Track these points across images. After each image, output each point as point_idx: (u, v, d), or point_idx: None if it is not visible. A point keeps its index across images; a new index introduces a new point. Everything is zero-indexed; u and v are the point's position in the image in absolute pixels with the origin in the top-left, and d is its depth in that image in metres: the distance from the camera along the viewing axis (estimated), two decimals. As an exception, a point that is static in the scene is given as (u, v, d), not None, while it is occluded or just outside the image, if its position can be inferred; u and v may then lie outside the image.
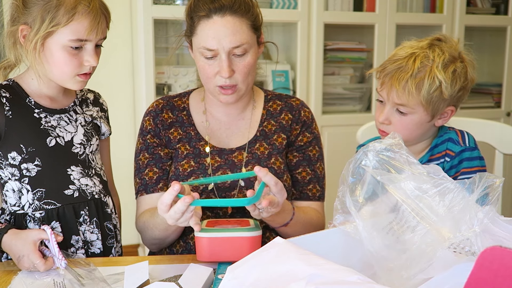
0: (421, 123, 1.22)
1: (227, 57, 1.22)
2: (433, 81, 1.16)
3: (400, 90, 1.18)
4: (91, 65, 1.17)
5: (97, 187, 1.26)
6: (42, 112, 1.21)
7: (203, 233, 1.08)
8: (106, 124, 1.35)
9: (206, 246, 1.07)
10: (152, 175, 1.33)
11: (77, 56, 1.16)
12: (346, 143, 1.83)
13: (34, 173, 1.18)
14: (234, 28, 1.21)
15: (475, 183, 0.84)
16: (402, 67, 1.19)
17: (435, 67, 1.17)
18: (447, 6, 2.85)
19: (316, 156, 1.38)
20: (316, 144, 1.40)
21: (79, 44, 1.14)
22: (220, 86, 1.26)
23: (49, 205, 1.19)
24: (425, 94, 1.17)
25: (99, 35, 1.16)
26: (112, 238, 1.29)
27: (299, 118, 1.39)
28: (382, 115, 1.24)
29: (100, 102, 1.37)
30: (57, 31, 1.12)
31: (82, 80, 1.19)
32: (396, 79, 1.18)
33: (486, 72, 3.31)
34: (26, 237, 1.08)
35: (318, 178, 1.38)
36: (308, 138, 1.38)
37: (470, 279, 0.65)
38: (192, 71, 2.58)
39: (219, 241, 1.06)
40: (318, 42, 2.64)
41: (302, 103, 1.42)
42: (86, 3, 1.13)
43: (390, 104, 1.22)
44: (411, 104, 1.19)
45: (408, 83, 1.17)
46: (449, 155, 1.23)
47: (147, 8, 2.38)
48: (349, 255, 0.90)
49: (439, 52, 1.19)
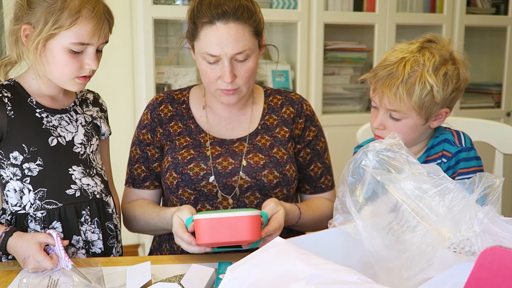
0: (416, 126, 1.21)
1: (229, 63, 1.23)
2: (424, 86, 1.15)
3: (391, 96, 1.17)
4: (91, 68, 1.18)
5: (98, 186, 1.26)
6: (44, 112, 1.21)
7: (201, 215, 1.08)
8: (105, 124, 1.36)
9: (205, 228, 1.07)
10: (140, 172, 1.39)
11: (78, 58, 1.16)
12: (346, 143, 1.82)
13: (36, 172, 1.18)
14: (237, 35, 1.22)
15: (475, 183, 0.84)
16: (393, 73, 1.17)
17: (426, 71, 1.15)
18: (447, 6, 2.85)
19: (323, 148, 1.43)
20: (322, 136, 1.44)
21: (81, 47, 1.15)
22: (221, 89, 1.27)
23: (50, 205, 1.19)
24: (417, 100, 1.15)
25: (101, 40, 1.17)
26: (113, 238, 1.30)
27: (302, 112, 1.40)
28: (376, 120, 1.23)
29: (99, 103, 1.37)
30: (60, 34, 1.13)
31: (81, 82, 1.19)
32: (387, 85, 1.17)
33: (486, 72, 3.31)
34: (31, 239, 1.09)
35: (328, 169, 1.44)
36: (314, 132, 1.41)
37: (470, 279, 0.65)
38: (192, 71, 2.58)
39: (218, 221, 1.06)
40: (318, 42, 2.64)
41: (301, 97, 1.45)
42: (90, 8, 1.13)
43: (383, 110, 1.21)
44: (403, 110, 1.18)
45: (399, 90, 1.15)
46: (445, 156, 1.23)
47: (147, 8, 2.38)
48: (349, 255, 0.90)
49: (429, 56, 1.17)
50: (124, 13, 2.69)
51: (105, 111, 1.38)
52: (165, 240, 1.37)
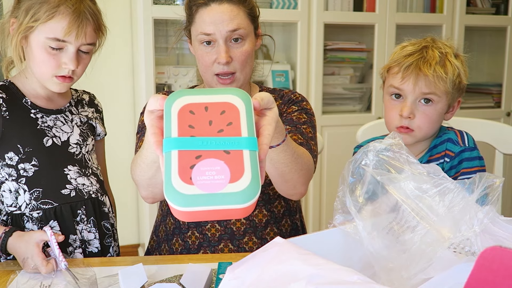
0: (441, 114, 1.24)
1: (224, 43, 1.24)
2: (454, 68, 1.20)
3: (430, 77, 1.18)
4: (69, 68, 1.15)
5: (94, 186, 1.26)
6: (39, 112, 1.21)
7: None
8: (101, 125, 1.36)
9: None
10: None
11: (56, 57, 1.14)
12: (346, 143, 1.83)
13: (31, 173, 1.18)
14: (231, 14, 1.24)
15: (475, 183, 0.84)
16: (424, 57, 1.20)
17: (449, 55, 1.21)
18: (447, 6, 2.85)
19: (302, 121, 1.31)
20: (304, 113, 1.33)
21: (57, 44, 1.13)
22: (218, 75, 1.27)
23: (46, 204, 1.19)
24: (452, 79, 1.19)
25: (80, 39, 1.14)
26: (110, 237, 1.30)
27: (289, 99, 1.37)
28: (406, 108, 1.21)
29: (95, 103, 1.37)
30: (37, 28, 1.12)
31: (60, 83, 1.17)
32: (424, 67, 1.18)
33: (486, 72, 3.31)
34: (29, 239, 1.09)
35: (308, 140, 1.28)
36: (293, 109, 1.34)
37: (470, 279, 0.65)
38: (192, 71, 2.58)
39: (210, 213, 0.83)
40: (318, 42, 2.64)
41: (292, 91, 1.42)
42: (69, 4, 1.12)
43: (414, 96, 1.21)
44: (439, 91, 1.20)
45: (437, 70, 1.18)
46: (448, 155, 1.23)
47: (147, 8, 2.38)
48: (349, 255, 0.90)
49: (445, 45, 1.23)
50: (124, 13, 2.69)
51: (100, 112, 1.38)
52: (164, 240, 1.37)
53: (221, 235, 1.29)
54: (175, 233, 1.32)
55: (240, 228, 1.29)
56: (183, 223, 1.31)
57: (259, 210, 1.30)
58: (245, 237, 1.29)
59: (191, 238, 1.30)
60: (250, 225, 1.30)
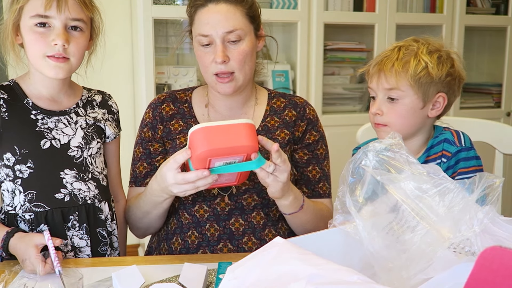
0: (414, 109, 1.23)
1: (221, 43, 1.25)
2: (419, 62, 1.21)
3: (387, 73, 1.22)
4: (58, 44, 1.13)
5: (91, 192, 1.23)
6: (40, 113, 1.20)
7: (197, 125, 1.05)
8: (112, 127, 1.33)
9: (202, 136, 1.03)
10: (142, 170, 1.39)
11: (44, 35, 1.13)
12: (346, 143, 1.82)
13: (26, 175, 1.17)
14: (227, 14, 1.24)
15: (475, 183, 0.84)
16: (388, 55, 1.24)
17: (420, 52, 1.22)
18: (447, 6, 2.85)
19: (323, 155, 1.42)
20: (323, 143, 1.43)
21: (40, 20, 1.12)
22: (216, 75, 1.27)
23: (38, 207, 1.18)
24: (412, 73, 1.20)
25: (63, 12, 1.12)
26: (105, 245, 1.27)
27: (304, 115, 1.41)
28: (374, 106, 1.26)
29: (108, 104, 1.35)
30: (23, 13, 1.13)
31: (55, 64, 1.14)
32: (383, 65, 1.23)
33: (486, 72, 3.31)
34: (29, 241, 1.09)
35: (327, 176, 1.42)
36: (315, 136, 1.41)
37: (470, 279, 0.65)
38: (192, 71, 2.58)
39: (215, 129, 1.03)
40: (318, 42, 2.64)
41: (306, 101, 1.45)
42: None
43: (381, 94, 1.25)
44: (400, 86, 1.21)
45: (395, 65, 1.21)
46: (445, 155, 1.23)
47: (147, 8, 2.38)
48: (349, 255, 0.90)
49: (423, 42, 1.24)
50: (124, 13, 2.69)
51: (114, 113, 1.36)
52: (163, 239, 1.37)
53: (220, 235, 1.29)
54: (176, 232, 1.32)
55: (239, 229, 1.29)
56: (185, 223, 1.31)
57: (256, 213, 1.31)
58: (244, 237, 1.29)
59: (190, 238, 1.29)
60: (248, 226, 1.30)
